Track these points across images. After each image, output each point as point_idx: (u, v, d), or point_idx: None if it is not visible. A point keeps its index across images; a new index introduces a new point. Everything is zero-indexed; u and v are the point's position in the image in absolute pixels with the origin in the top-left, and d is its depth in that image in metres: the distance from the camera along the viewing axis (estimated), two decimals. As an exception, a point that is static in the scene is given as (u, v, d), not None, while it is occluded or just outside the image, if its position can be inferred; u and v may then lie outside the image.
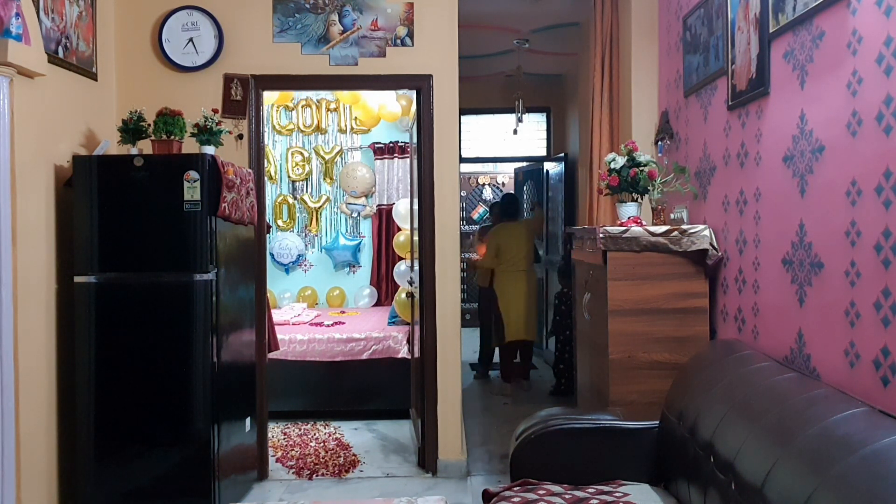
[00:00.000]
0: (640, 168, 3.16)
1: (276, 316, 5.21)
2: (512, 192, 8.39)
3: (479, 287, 6.60)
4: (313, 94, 6.79)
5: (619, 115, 4.14)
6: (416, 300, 4.45)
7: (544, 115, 7.97)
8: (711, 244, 3.00)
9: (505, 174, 9.77)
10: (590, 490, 2.45)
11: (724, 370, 2.40)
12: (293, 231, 6.93)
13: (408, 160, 5.73)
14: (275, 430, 4.84)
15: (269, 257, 6.24)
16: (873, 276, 1.94)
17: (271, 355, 4.36)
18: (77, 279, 3.33)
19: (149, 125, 3.48)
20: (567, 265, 5.79)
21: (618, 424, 2.72)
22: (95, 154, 3.45)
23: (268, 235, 4.77)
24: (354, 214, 6.93)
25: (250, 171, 3.86)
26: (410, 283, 4.67)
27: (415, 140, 4.32)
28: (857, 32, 2.02)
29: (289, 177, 6.91)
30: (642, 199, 3.26)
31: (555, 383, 5.97)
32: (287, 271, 6.94)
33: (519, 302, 5.95)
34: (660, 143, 3.76)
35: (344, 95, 6.58)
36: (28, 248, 3.07)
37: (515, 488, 2.51)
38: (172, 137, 3.43)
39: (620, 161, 3.22)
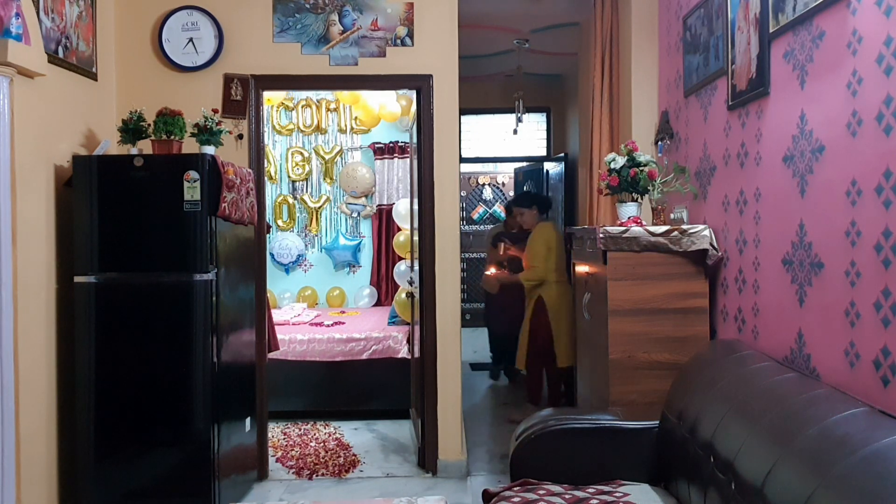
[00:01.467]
0: (640, 168, 3.16)
1: (276, 316, 5.21)
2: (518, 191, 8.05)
3: (487, 294, 6.00)
4: (313, 94, 6.79)
5: (619, 115, 4.14)
6: (416, 300, 4.45)
7: (544, 115, 7.97)
8: (711, 244, 3.00)
9: (505, 174, 9.77)
10: (590, 490, 2.45)
11: (724, 370, 2.40)
12: (293, 231, 6.93)
13: (408, 160, 5.73)
14: (275, 430, 4.84)
15: (269, 257, 6.24)
16: (873, 276, 1.94)
17: (271, 355, 4.36)
18: (77, 279, 3.33)
19: (149, 125, 3.48)
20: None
21: (618, 424, 2.71)
22: (95, 154, 3.45)
23: (268, 235, 4.77)
24: (354, 214, 6.93)
25: (250, 171, 3.86)
26: (410, 283, 4.67)
27: (415, 140, 4.32)
28: (857, 32, 2.02)
29: (289, 177, 6.91)
30: (642, 199, 3.26)
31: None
32: (287, 271, 6.94)
33: (569, 320, 4.83)
34: (660, 143, 3.76)
35: (344, 95, 6.58)
36: (28, 248, 3.07)
37: (515, 488, 2.51)
38: (172, 137, 3.43)
39: (620, 161, 3.22)
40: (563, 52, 6.12)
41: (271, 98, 6.57)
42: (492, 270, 5.48)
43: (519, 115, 6.29)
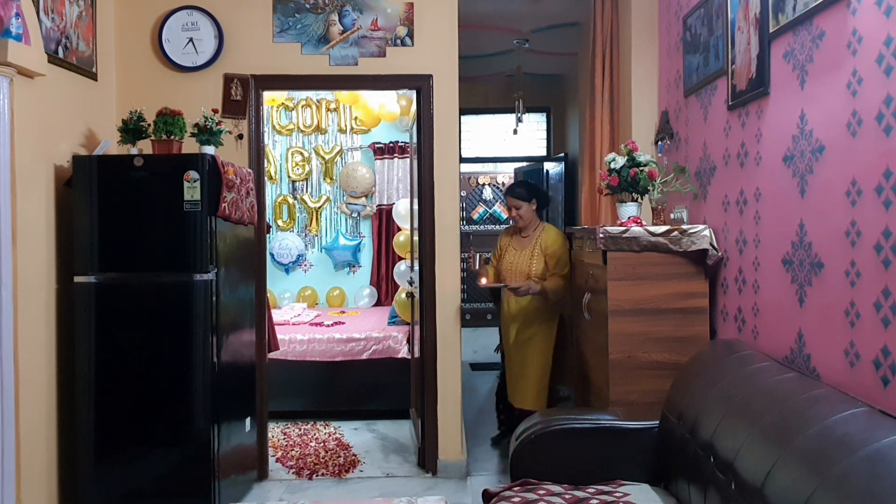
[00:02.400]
0: (640, 168, 3.16)
1: (276, 316, 5.21)
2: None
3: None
4: (313, 94, 6.79)
5: (619, 115, 4.14)
6: (416, 300, 4.45)
7: (544, 115, 7.97)
8: (711, 244, 3.00)
9: (505, 174, 9.77)
10: (590, 490, 2.45)
11: (724, 370, 2.40)
12: (293, 231, 6.94)
13: (408, 160, 5.73)
14: (275, 430, 4.83)
15: (269, 257, 6.24)
16: (873, 276, 1.94)
17: (271, 355, 4.36)
18: (77, 279, 3.33)
19: (149, 125, 3.48)
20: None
21: (618, 424, 2.71)
22: (95, 154, 3.45)
23: (268, 235, 4.77)
24: (354, 214, 6.93)
25: (250, 171, 3.86)
26: (410, 283, 4.67)
27: (415, 140, 4.32)
28: (857, 32, 2.02)
29: (289, 177, 6.91)
30: (642, 199, 3.26)
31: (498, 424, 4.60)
32: (287, 271, 6.94)
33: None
34: (660, 143, 3.76)
35: (344, 95, 6.58)
36: (28, 248, 3.07)
37: (515, 488, 2.51)
38: (172, 137, 3.43)
39: (620, 161, 3.22)
40: (563, 52, 6.12)
41: (272, 98, 6.57)
42: (484, 281, 3.94)
43: (519, 115, 6.29)
